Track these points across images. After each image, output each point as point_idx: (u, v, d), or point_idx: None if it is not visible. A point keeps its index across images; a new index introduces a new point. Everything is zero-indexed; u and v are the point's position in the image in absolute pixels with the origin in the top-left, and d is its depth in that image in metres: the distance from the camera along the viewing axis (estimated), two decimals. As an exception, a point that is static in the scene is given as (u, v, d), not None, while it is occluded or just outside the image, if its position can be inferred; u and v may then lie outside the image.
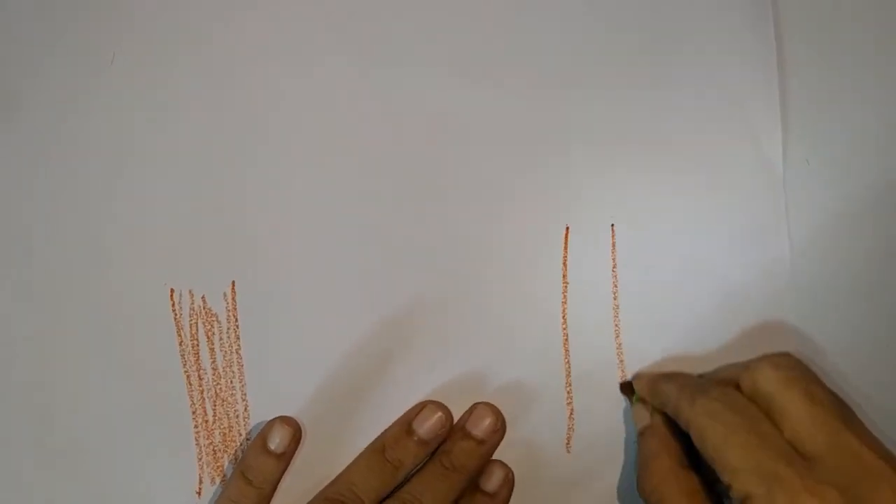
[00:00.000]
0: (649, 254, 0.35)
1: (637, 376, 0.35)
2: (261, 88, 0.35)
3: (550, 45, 0.35)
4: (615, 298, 0.35)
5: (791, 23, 0.35)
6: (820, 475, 0.28)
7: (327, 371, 0.35)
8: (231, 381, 0.35)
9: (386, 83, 0.35)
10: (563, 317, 0.35)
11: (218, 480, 0.35)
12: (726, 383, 0.32)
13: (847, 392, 0.32)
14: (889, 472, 0.28)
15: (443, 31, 0.35)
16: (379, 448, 0.35)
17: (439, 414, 0.35)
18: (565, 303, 0.35)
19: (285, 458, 0.35)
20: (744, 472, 0.28)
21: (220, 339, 0.35)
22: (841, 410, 0.30)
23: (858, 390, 0.34)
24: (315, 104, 0.35)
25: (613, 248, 0.35)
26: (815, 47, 0.35)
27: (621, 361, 0.35)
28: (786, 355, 0.33)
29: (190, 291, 0.35)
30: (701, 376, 0.35)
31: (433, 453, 0.35)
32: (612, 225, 0.35)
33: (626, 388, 0.35)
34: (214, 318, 0.35)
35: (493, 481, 0.35)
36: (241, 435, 0.35)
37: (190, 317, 0.35)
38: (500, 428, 0.35)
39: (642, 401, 0.34)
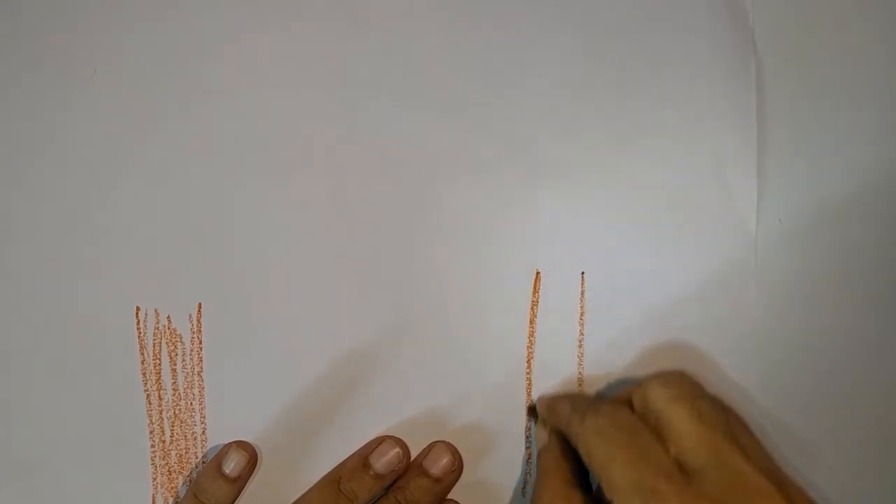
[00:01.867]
0: (618, 304, 0.35)
1: (539, 398, 0.35)
2: (237, 114, 0.35)
3: (528, 88, 0.35)
4: (580, 346, 0.35)
5: (774, 86, 0.35)
6: (699, 490, 0.27)
7: (288, 399, 0.35)
8: (191, 403, 0.35)
9: (361, 118, 0.35)
10: (528, 361, 0.35)
11: (171, 501, 0.35)
12: (619, 402, 0.32)
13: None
14: (768, 488, 0.27)
15: (416, 69, 0.35)
16: (335, 479, 0.35)
17: (397, 449, 0.35)
18: (531, 347, 0.35)
19: (239, 483, 0.35)
20: (623, 488, 0.28)
21: (183, 360, 0.35)
22: (728, 427, 0.30)
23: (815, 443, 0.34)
24: (290, 136, 0.35)
25: (582, 297, 0.35)
26: (796, 105, 0.35)
27: (582, 409, 0.35)
28: (677, 373, 0.33)
29: (156, 310, 0.35)
30: (597, 396, 0.35)
31: (388, 488, 0.35)
32: (583, 273, 0.35)
33: (532, 410, 0.35)
34: (179, 339, 0.35)
35: (446, 520, 0.35)
36: (197, 457, 0.35)
37: (154, 336, 0.35)
38: (457, 468, 0.35)
39: (542, 422, 0.34)
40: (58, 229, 0.35)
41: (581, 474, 0.33)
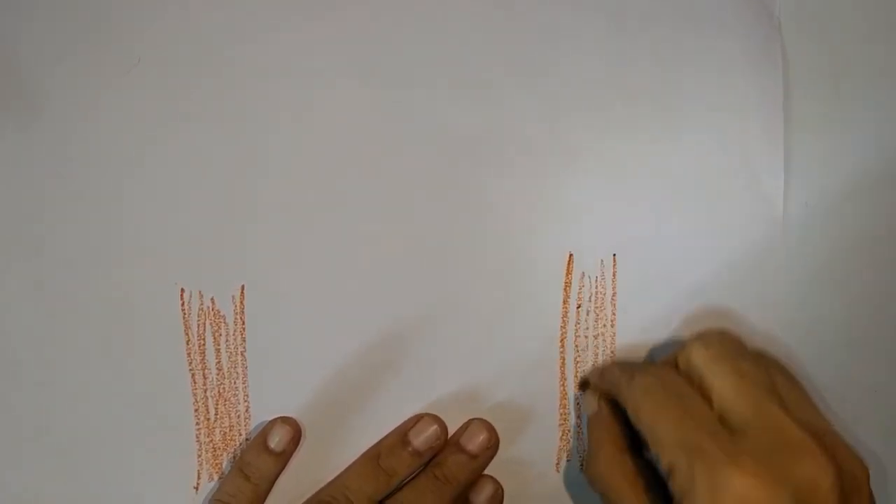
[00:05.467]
0: (649, 285, 0.36)
1: (592, 369, 0.36)
2: (277, 102, 0.36)
3: (561, 75, 0.36)
4: (612, 325, 0.36)
5: (800, 68, 0.36)
6: (742, 446, 0.28)
7: (328, 377, 0.36)
8: (234, 382, 0.36)
9: (396, 103, 0.36)
10: (561, 340, 0.36)
11: (216, 477, 0.36)
12: (665, 363, 0.33)
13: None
14: (811, 445, 0.28)
15: (452, 55, 0.36)
16: (374, 455, 0.36)
17: (435, 426, 0.36)
18: (564, 327, 0.36)
19: (284, 458, 0.36)
20: (670, 445, 0.29)
21: (227, 340, 0.36)
22: (770, 382, 0.31)
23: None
24: (327, 119, 0.36)
25: (614, 277, 0.36)
26: (822, 92, 0.36)
27: (614, 387, 0.36)
28: (718, 332, 0.33)
29: (200, 292, 0.36)
30: (645, 361, 0.36)
31: (426, 464, 0.36)
32: (615, 255, 0.36)
33: (583, 384, 0.36)
34: (222, 320, 0.36)
35: (482, 495, 0.36)
36: (241, 434, 0.36)
37: (198, 317, 0.36)
38: (493, 444, 0.36)
39: (593, 389, 0.35)
40: (103, 214, 0.36)
41: (631, 437, 0.33)
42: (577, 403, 0.36)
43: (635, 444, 0.33)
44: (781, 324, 0.36)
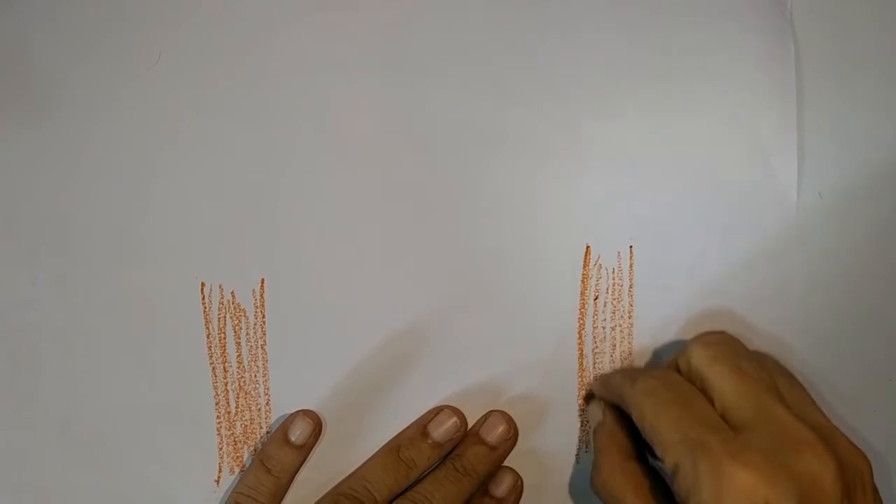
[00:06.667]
0: (666, 275, 0.36)
1: (594, 379, 0.36)
2: (296, 99, 0.36)
3: (575, 69, 0.36)
4: (630, 316, 0.36)
5: (812, 60, 0.36)
6: (746, 442, 0.28)
7: (348, 370, 0.36)
8: (255, 375, 0.36)
9: (411, 99, 0.36)
10: (579, 332, 0.37)
11: (237, 470, 0.37)
12: (667, 367, 0.33)
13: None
14: (811, 438, 0.28)
15: (466, 51, 0.36)
16: (394, 448, 0.36)
17: (454, 419, 0.36)
18: (582, 319, 0.37)
19: (304, 451, 0.36)
20: (673, 444, 0.29)
21: (247, 333, 0.36)
22: (771, 381, 0.31)
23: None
24: (346, 115, 0.36)
25: (631, 269, 0.36)
26: (835, 82, 0.36)
27: (632, 378, 0.37)
28: (718, 333, 0.34)
29: (220, 286, 0.36)
30: (647, 366, 0.36)
31: (446, 456, 0.36)
32: (631, 246, 0.36)
33: (587, 397, 0.37)
34: (243, 314, 0.36)
35: (502, 487, 0.36)
36: (261, 428, 0.37)
37: (219, 311, 0.36)
38: (512, 436, 0.36)
39: (597, 399, 0.35)
40: (124, 209, 0.36)
41: (637, 448, 0.33)
42: (580, 398, 0.37)
43: (642, 454, 0.33)
44: (795, 314, 0.36)
